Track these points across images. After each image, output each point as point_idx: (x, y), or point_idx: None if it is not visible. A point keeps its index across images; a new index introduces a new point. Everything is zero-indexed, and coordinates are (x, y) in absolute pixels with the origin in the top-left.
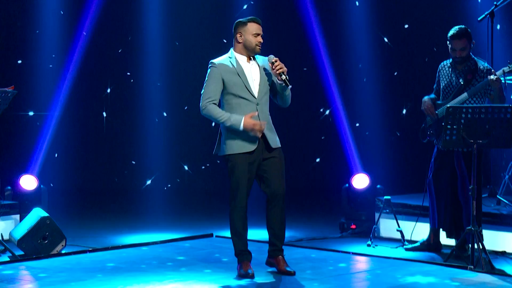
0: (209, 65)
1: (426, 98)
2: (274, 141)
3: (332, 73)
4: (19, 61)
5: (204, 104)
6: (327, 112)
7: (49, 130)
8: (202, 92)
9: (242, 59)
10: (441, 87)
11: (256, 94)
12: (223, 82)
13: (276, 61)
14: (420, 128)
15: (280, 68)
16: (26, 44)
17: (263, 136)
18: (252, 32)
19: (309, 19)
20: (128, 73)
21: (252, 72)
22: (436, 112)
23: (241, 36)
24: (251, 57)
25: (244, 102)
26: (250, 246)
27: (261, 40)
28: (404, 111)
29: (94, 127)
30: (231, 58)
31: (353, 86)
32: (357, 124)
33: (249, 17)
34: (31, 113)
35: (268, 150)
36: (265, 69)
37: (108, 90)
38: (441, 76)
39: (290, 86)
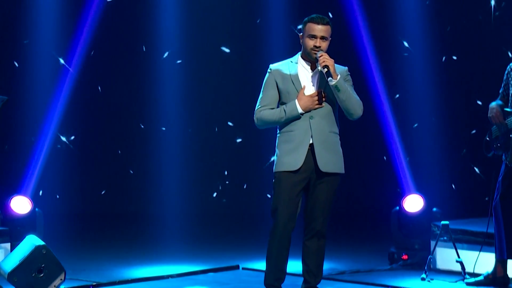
0: (267, 70)
1: (493, 104)
2: (327, 164)
3: (382, 87)
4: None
5: (256, 113)
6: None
7: (45, 146)
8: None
9: (305, 65)
10: (511, 92)
11: None
12: (278, 89)
13: (321, 56)
14: (484, 140)
15: (323, 62)
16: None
17: (313, 154)
18: (308, 33)
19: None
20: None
21: (312, 81)
22: (506, 121)
23: (302, 38)
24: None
25: None
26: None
27: (318, 44)
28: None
29: (97, 142)
30: (292, 62)
31: (408, 92)
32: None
33: (311, 15)
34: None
35: (317, 173)
36: (331, 79)
37: (114, 104)
38: (510, 79)
39: (334, 81)
